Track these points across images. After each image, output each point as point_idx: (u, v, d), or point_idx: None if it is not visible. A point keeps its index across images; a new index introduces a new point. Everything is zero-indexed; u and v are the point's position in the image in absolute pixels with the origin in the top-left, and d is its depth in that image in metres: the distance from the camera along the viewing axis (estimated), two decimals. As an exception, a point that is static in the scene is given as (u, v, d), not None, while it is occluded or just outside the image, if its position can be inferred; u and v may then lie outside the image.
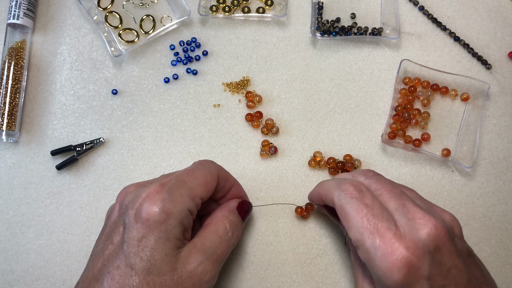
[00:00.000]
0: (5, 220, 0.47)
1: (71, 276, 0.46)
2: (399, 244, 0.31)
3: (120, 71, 0.51)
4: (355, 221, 0.33)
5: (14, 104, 0.48)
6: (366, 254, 0.33)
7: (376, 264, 0.32)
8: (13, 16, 0.49)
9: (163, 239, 0.33)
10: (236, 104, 0.51)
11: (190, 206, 0.35)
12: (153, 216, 0.33)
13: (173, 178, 0.36)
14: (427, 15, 0.53)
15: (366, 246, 0.33)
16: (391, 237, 0.32)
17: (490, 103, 0.51)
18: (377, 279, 0.33)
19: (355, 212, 0.34)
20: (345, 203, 0.35)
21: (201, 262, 0.35)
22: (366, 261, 0.33)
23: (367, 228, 0.33)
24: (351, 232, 0.34)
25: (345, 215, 0.35)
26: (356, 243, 0.34)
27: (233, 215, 0.40)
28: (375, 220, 0.33)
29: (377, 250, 0.32)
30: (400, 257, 0.31)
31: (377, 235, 0.32)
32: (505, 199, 0.48)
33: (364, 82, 0.51)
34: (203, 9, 0.52)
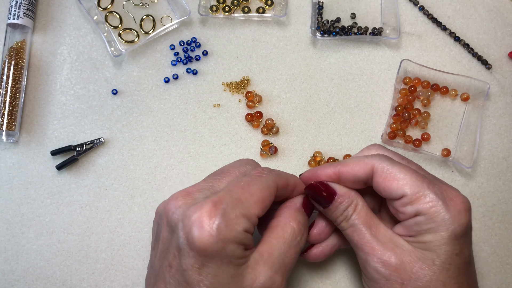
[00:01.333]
0: (5, 220, 0.47)
1: (71, 276, 0.46)
2: (458, 192, 0.35)
3: (120, 71, 0.51)
4: (409, 177, 0.35)
5: (14, 104, 0.48)
6: (431, 202, 0.34)
7: (445, 210, 0.33)
8: (13, 16, 0.49)
9: (225, 264, 0.31)
10: (236, 104, 0.51)
11: (247, 227, 0.32)
12: (210, 247, 0.30)
13: (227, 196, 0.33)
14: (427, 15, 0.53)
15: (430, 196, 0.34)
16: (448, 187, 0.35)
17: (490, 103, 0.51)
18: (442, 224, 0.33)
19: (405, 169, 0.35)
20: (389, 164, 0.36)
21: (270, 276, 0.33)
22: (430, 210, 0.34)
23: (424, 181, 0.34)
24: (406, 188, 0.34)
25: (393, 176, 0.35)
26: (415, 196, 0.34)
27: (300, 215, 0.37)
28: (427, 175, 0.36)
29: (443, 197, 0.34)
30: (465, 201, 0.34)
31: (436, 185, 0.35)
32: (505, 199, 0.49)
33: (364, 82, 0.51)
34: (203, 9, 0.52)
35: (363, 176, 0.37)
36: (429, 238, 0.34)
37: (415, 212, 0.34)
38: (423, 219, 0.34)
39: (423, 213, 0.34)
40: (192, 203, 0.33)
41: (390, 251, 0.35)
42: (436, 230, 0.34)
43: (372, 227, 0.36)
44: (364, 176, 0.37)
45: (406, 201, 0.35)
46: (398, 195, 0.35)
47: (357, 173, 0.37)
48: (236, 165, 0.38)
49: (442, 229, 0.33)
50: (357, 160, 0.37)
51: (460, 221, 0.33)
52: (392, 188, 0.35)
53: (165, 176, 0.48)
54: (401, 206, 0.35)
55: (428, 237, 0.34)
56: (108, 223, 0.47)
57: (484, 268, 0.47)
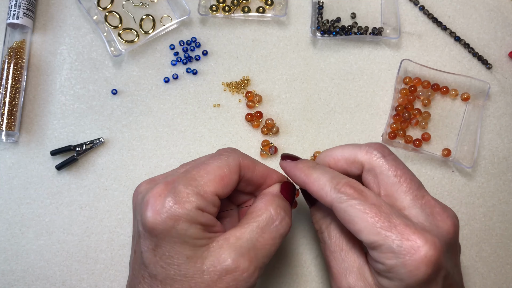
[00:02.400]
0: (5, 220, 0.47)
1: (71, 276, 0.46)
2: (423, 241, 0.30)
3: (120, 71, 0.51)
4: (366, 223, 0.31)
5: (13, 104, 0.48)
6: (387, 254, 0.30)
7: (400, 263, 0.30)
8: (13, 16, 0.49)
9: (179, 244, 0.30)
10: (236, 104, 0.50)
11: (201, 205, 0.31)
12: (158, 225, 0.30)
13: (181, 175, 0.33)
14: (427, 14, 0.53)
15: (386, 246, 0.30)
16: (412, 232, 0.30)
17: (491, 103, 0.51)
18: (397, 277, 0.30)
19: (363, 214, 0.31)
20: (347, 206, 0.32)
21: (234, 259, 0.31)
22: (386, 261, 0.31)
23: (382, 228, 0.30)
24: (363, 235, 0.31)
25: (350, 218, 0.31)
26: (372, 245, 0.31)
27: (279, 199, 0.35)
28: (389, 218, 0.31)
29: (401, 248, 0.30)
30: (427, 254, 0.29)
31: (396, 232, 0.30)
32: (506, 199, 0.48)
33: (364, 82, 0.51)
34: (203, 9, 0.52)
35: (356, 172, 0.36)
36: (386, 283, 0.32)
37: (374, 257, 0.32)
38: (381, 267, 0.31)
39: (380, 263, 0.31)
40: (152, 186, 0.33)
41: (351, 282, 0.33)
42: (391, 279, 0.31)
43: (342, 251, 0.34)
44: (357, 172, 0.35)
45: (365, 245, 0.32)
46: (357, 238, 0.32)
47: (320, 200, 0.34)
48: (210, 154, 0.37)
49: (397, 280, 0.31)
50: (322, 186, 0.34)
51: (417, 276, 0.30)
52: (350, 230, 0.32)
53: (165, 176, 0.48)
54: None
55: (385, 282, 0.32)
56: (108, 223, 0.47)
57: (485, 268, 0.47)
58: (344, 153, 0.36)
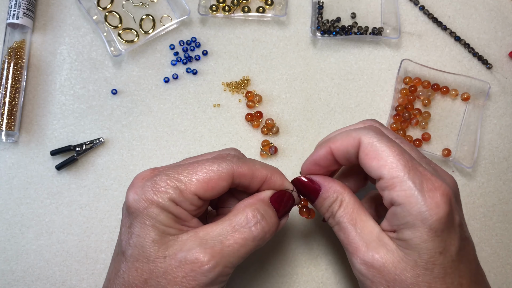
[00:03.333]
0: (5, 220, 0.47)
1: (71, 276, 0.46)
2: (441, 182, 0.32)
3: (119, 71, 0.51)
4: (392, 158, 0.32)
5: (13, 104, 0.48)
6: (407, 191, 0.31)
7: (421, 200, 0.31)
8: (13, 16, 0.49)
9: (148, 226, 0.32)
10: (236, 104, 0.50)
11: (176, 198, 0.32)
12: (134, 204, 0.32)
13: (172, 166, 0.35)
14: (427, 14, 0.53)
15: (407, 184, 0.31)
16: (431, 175, 0.32)
17: (491, 103, 0.51)
18: (418, 217, 0.31)
19: (390, 149, 0.32)
20: (376, 140, 0.33)
21: (195, 251, 0.31)
22: (405, 199, 0.31)
23: (406, 166, 0.32)
24: (385, 170, 0.32)
25: (377, 153, 0.33)
26: (392, 181, 0.32)
27: (262, 205, 0.35)
28: (412, 159, 0.32)
29: (422, 187, 0.31)
30: (445, 193, 0.31)
31: (418, 172, 0.32)
32: (506, 199, 0.48)
33: (364, 81, 0.51)
34: (203, 9, 0.52)
35: (353, 151, 0.35)
36: (409, 235, 0.31)
37: (390, 199, 0.32)
38: (399, 210, 0.32)
39: (398, 202, 0.32)
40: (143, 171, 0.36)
41: (373, 251, 0.33)
42: (413, 225, 0.31)
43: (358, 225, 0.34)
44: (354, 151, 0.35)
45: (383, 185, 0.33)
46: (376, 176, 0.33)
47: (347, 148, 0.35)
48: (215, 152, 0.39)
49: (420, 224, 0.31)
50: (346, 134, 0.35)
51: (438, 214, 0.31)
52: (372, 167, 0.33)
53: (165, 176, 0.48)
54: (380, 190, 0.33)
55: (407, 233, 0.32)
56: (107, 223, 0.47)
57: (485, 268, 0.47)
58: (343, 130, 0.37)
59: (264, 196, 0.36)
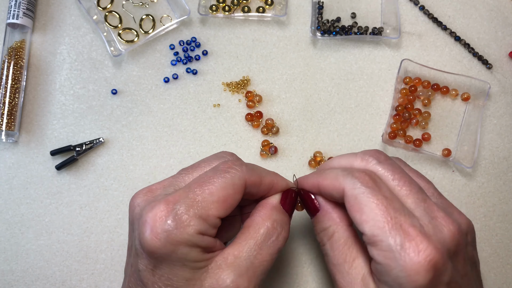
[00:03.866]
0: (5, 220, 0.47)
1: (71, 276, 0.46)
2: (426, 244, 0.28)
3: (119, 71, 0.51)
4: (374, 214, 0.29)
5: (13, 104, 0.48)
6: (386, 252, 0.29)
7: (399, 265, 0.28)
8: (13, 16, 0.49)
9: (177, 267, 0.30)
10: (236, 104, 0.50)
11: (202, 229, 0.30)
12: (158, 250, 0.29)
13: (182, 193, 0.31)
14: (427, 14, 0.53)
15: (387, 243, 0.29)
16: (416, 234, 0.29)
17: (491, 103, 0.51)
18: (395, 281, 0.29)
19: (373, 203, 0.30)
20: (360, 193, 0.30)
21: (232, 281, 0.30)
22: (384, 261, 0.29)
23: (388, 223, 0.29)
24: (366, 227, 0.30)
25: (359, 207, 0.30)
26: (373, 239, 0.30)
27: (277, 213, 0.34)
28: (397, 215, 0.29)
29: (402, 249, 0.28)
30: (428, 259, 0.28)
31: (400, 231, 0.29)
32: (506, 199, 0.48)
33: (364, 81, 0.51)
34: (203, 9, 0.52)
35: (338, 197, 0.33)
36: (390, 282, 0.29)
37: (372, 255, 0.30)
38: (380, 268, 0.30)
39: (377, 262, 0.30)
40: (150, 200, 0.32)
41: None
42: (391, 285, 0.29)
43: (345, 264, 0.33)
44: (339, 197, 0.33)
45: (365, 240, 0.31)
46: (359, 230, 0.31)
47: (332, 192, 0.33)
48: (210, 158, 0.35)
49: (394, 285, 0.29)
50: (334, 177, 0.33)
51: (416, 282, 0.28)
52: (355, 219, 0.31)
53: (165, 176, 0.48)
54: (364, 242, 0.31)
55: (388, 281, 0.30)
56: (107, 223, 0.47)
57: (485, 268, 0.47)
58: (341, 163, 0.35)
59: (275, 203, 0.35)
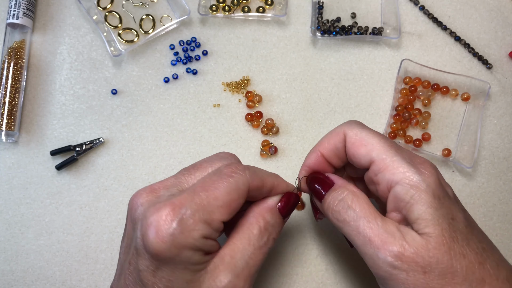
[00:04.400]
0: (5, 220, 0.47)
1: (71, 276, 0.46)
2: (423, 158, 0.35)
3: (119, 71, 0.51)
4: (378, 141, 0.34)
5: (13, 104, 0.48)
6: (400, 168, 0.33)
7: (415, 173, 0.32)
8: (13, 16, 0.49)
9: (180, 269, 0.30)
10: (236, 104, 0.50)
11: (206, 233, 0.31)
12: (162, 253, 0.29)
13: (188, 199, 0.31)
14: (427, 14, 0.53)
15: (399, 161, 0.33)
16: (414, 153, 0.35)
17: (491, 103, 0.51)
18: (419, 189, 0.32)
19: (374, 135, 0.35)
20: (360, 130, 0.35)
21: (229, 281, 0.31)
22: (401, 176, 0.32)
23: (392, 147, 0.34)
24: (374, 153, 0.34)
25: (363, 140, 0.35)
26: (384, 162, 0.33)
27: (270, 215, 0.35)
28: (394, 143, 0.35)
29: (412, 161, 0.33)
30: (431, 164, 0.34)
31: (404, 151, 0.35)
32: (506, 199, 0.48)
33: (364, 81, 0.51)
34: (203, 9, 0.52)
35: (341, 145, 0.36)
36: (418, 210, 0.31)
37: (387, 181, 0.33)
38: (400, 189, 0.32)
39: (395, 181, 0.32)
40: (154, 201, 0.32)
41: (402, 240, 0.31)
42: (419, 198, 0.31)
43: (378, 219, 0.33)
44: (342, 145, 0.36)
45: (375, 169, 0.33)
46: (367, 162, 0.34)
47: (335, 145, 0.37)
48: (212, 159, 0.36)
49: (424, 195, 0.31)
50: (330, 134, 0.37)
51: (435, 182, 0.32)
52: (361, 153, 0.34)
53: (165, 176, 0.48)
54: (374, 176, 0.34)
55: (417, 210, 0.31)
56: (107, 223, 0.47)
57: (485, 268, 0.47)
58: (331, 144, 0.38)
59: (272, 205, 0.36)
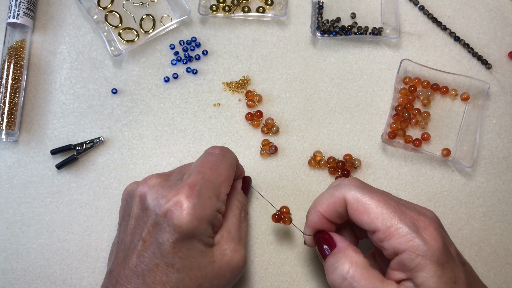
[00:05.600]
0: (5, 219, 0.47)
1: (71, 275, 0.46)
2: (428, 219, 0.34)
3: (120, 70, 0.51)
4: (380, 208, 0.34)
5: (14, 104, 0.48)
6: (405, 236, 0.32)
7: (420, 242, 0.32)
8: (13, 15, 0.49)
9: (197, 240, 0.35)
10: (236, 104, 0.51)
11: (218, 207, 0.37)
12: (186, 224, 0.34)
13: (199, 178, 0.36)
14: (427, 14, 0.53)
15: (404, 229, 0.33)
16: (417, 216, 0.34)
17: (490, 103, 0.51)
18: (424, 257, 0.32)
19: (375, 200, 0.34)
20: (361, 194, 0.35)
21: (234, 249, 0.37)
22: (406, 245, 0.32)
23: (396, 212, 0.34)
24: (378, 222, 0.33)
25: (364, 208, 0.34)
26: (389, 231, 0.33)
27: (240, 195, 0.42)
28: (397, 204, 0.34)
29: (416, 227, 0.33)
30: (436, 227, 0.33)
31: (407, 216, 0.34)
32: (505, 199, 0.49)
33: (364, 81, 0.51)
34: (203, 9, 0.52)
35: (341, 210, 0.36)
36: (423, 277, 0.32)
37: (393, 248, 0.33)
38: (405, 257, 0.32)
39: (401, 250, 0.33)
40: (166, 184, 0.37)
41: None
42: (424, 266, 0.32)
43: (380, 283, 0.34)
44: (343, 210, 0.36)
45: (380, 237, 0.34)
46: (371, 229, 0.34)
47: (335, 208, 0.37)
48: None
49: (428, 262, 0.32)
50: (329, 196, 0.37)
51: (439, 248, 0.32)
52: (364, 221, 0.34)
53: (165, 176, 0.48)
54: (378, 242, 0.34)
55: (421, 276, 0.32)
56: (108, 222, 0.47)
57: (484, 268, 0.47)
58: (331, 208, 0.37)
59: (239, 188, 0.43)
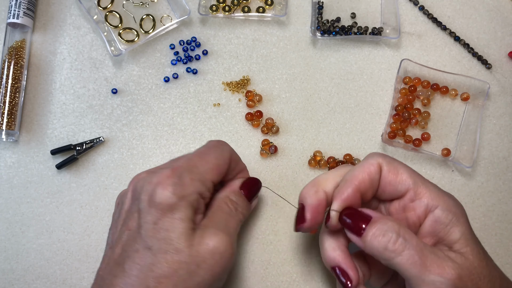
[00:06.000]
0: (5, 220, 0.47)
1: (71, 275, 0.46)
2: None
3: (120, 70, 0.51)
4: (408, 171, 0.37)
5: (14, 104, 0.48)
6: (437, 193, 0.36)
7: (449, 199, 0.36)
8: (13, 16, 0.49)
9: (177, 220, 0.34)
10: (236, 103, 0.51)
11: (201, 190, 0.36)
12: (165, 200, 0.34)
13: (184, 163, 0.37)
14: (427, 14, 0.53)
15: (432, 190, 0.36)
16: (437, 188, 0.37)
17: (490, 103, 0.51)
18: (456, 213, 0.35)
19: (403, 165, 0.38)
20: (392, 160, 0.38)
21: (215, 234, 0.35)
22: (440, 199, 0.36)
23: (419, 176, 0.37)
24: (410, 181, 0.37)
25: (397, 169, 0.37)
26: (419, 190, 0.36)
27: (235, 195, 0.40)
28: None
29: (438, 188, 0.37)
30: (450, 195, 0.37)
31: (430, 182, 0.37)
32: (505, 199, 0.49)
33: (364, 81, 0.51)
34: (203, 9, 0.52)
35: (377, 178, 0.37)
36: (459, 232, 0.35)
37: (425, 206, 0.35)
38: (441, 213, 0.35)
39: (435, 206, 0.35)
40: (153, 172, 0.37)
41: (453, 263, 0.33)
42: (458, 221, 0.35)
43: (427, 246, 0.34)
44: (378, 177, 0.37)
45: (413, 195, 0.36)
46: (403, 189, 0.37)
47: (373, 176, 0.37)
48: None
49: (461, 217, 0.35)
50: (360, 166, 0.37)
51: (465, 211, 0.36)
52: (398, 181, 0.37)
53: (165, 176, 0.48)
54: (409, 202, 0.37)
55: (458, 231, 0.35)
56: (108, 222, 0.47)
57: (484, 268, 0.47)
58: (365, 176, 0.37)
59: (235, 186, 0.41)
